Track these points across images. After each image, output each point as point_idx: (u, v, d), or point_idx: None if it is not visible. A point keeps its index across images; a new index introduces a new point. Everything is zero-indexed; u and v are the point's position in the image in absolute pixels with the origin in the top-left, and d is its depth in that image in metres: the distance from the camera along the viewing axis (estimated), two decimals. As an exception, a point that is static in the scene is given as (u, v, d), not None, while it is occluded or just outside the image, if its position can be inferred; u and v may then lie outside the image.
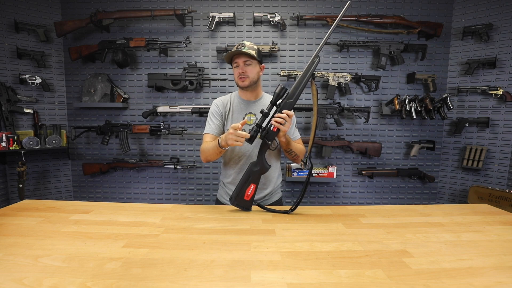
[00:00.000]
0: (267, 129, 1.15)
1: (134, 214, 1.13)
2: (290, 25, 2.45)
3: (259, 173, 1.18)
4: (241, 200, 1.18)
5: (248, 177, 1.18)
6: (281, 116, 1.10)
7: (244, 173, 1.19)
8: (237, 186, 1.18)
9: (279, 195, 1.50)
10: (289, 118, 1.11)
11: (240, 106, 1.39)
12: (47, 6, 2.43)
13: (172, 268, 0.73)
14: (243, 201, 1.18)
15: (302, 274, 0.72)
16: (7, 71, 2.34)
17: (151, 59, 2.52)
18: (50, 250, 0.82)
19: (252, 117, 1.37)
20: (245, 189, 1.17)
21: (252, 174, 1.18)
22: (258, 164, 1.18)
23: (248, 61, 1.29)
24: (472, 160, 2.38)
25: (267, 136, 1.16)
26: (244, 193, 1.17)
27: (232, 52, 1.29)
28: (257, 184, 1.18)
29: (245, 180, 1.18)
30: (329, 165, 2.47)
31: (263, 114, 1.11)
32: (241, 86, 1.33)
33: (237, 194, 1.18)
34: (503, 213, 1.20)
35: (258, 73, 1.35)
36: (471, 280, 0.69)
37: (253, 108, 1.38)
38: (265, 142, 1.17)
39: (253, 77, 1.32)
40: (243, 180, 1.18)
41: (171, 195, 2.65)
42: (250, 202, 1.19)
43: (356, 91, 2.51)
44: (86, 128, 2.48)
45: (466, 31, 2.37)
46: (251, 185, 1.17)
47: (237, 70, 1.32)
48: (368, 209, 1.24)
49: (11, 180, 2.44)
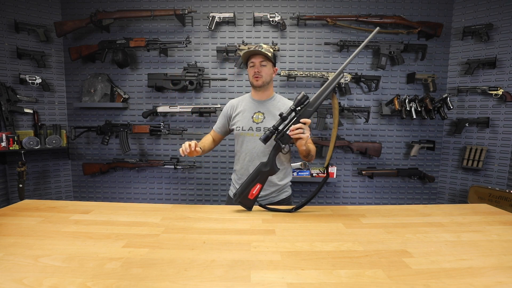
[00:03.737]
0: (283, 132, 1.17)
1: (134, 214, 1.14)
2: (290, 25, 2.45)
3: (267, 174, 1.19)
4: (245, 198, 1.18)
5: (256, 176, 1.18)
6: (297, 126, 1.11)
7: (252, 172, 1.19)
8: (244, 183, 1.18)
9: (287, 193, 1.50)
10: (306, 125, 1.13)
11: (250, 105, 1.44)
12: (47, 6, 2.43)
13: (172, 268, 0.73)
14: (247, 200, 1.18)
15: (302, 274, 0.72)
16: (7, 71, 2.34)
17: (151, 59, 2.52)
18: (50, 250, 0.82)
19: (260, 116, 1.40)
20: (250, 188, 1.17)
21: (260, 174, 1.18)
22: (268, 165, 1.19)
23: (264, 61, 1.35)
24: (472, 160, 2.38)
25: (282, 140, 1.17)
26: (249, 192, 1.17)
27: (250, 51, 1.35)
28: (263, 184, 1.18)
29: (253, 179, 1.18)
30: (329, 165, 2.47)
31: (281, 118, 1.14)
32: (255, 85, 1.38)
33: (242, 192, 1.18)
34: (503, 213, 1.20)
35: (271, 74, 1.40)
36: (471, 280, 0.69)
37: (262, 107, 1.42)
38: (278, 145, 1.18)
39: (266, 78, 1.37)
40: (250, 178, 1.18)
41: (171, 195, 2.65)
42: (253, 201, 1.19)
43: (356, 91, 2.51)
44: (86, 128, 2.48)
45: (466, 31, 2.37)
46: (257, 185, 1.17)
47: (252, 70, 1.38)
48: (368, 209, 1.24)
49: (11, 180, 2.44)
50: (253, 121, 1.40)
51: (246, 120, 1.41)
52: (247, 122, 1.41)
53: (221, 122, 1.51)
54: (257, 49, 1.34)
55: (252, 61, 1.37)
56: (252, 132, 1.40)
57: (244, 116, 1.43)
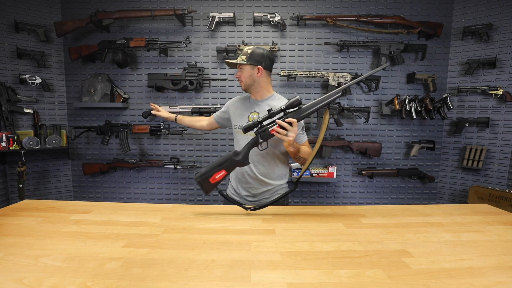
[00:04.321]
0: (265, 128, 1.15)
1: (134, 214, 1.14)
2: (290, 25, 2.45)
3: (236, 164, 1.16)
4: (205, 181, 1.13)
5: (224, 162, 1.14)
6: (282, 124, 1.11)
7: (223, 156, 1.17)
8: (210, 165, 1.15)
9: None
10: (292, 126, 1.11)
11: (248, 105, 1.47)
12: (47, 6, 2.43)
13: (172, 268, 0.73)
14: (207, 182, 1.13)
15: (302, 274, 0.72)
16: (7, 71, 2.34)
17: (151, 59, 2.52)
18: (50, 250, 0.82)
19: (256, 115, 1.42)
20: (214, 171, 1.13)
21: (229, 161, 1.15)
22: (240, 155, 1.16)
23: (240, 66, 1.38)
24: (472, 160, 2.38)
25: (262, 135, 1.15)
26: (211, 175, 1.13)
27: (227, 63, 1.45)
28: (228, 172, 1.15)
29: (220, 164, 1.14)
30: (329, 165, 2.47)
31: (269, 113, 1.13)
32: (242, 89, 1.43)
33: (204, 172, 1.13)
34: (503, 213, 1.20)
35: (251, 76, 1.37)
36: (471, 280, 0.69)
37: (258, 107, 1.43)
38: (257, 139, 1.16)
39: (246, 81, 1.38)
40: (217, 162, 1.14)
41: (171, 195, 2.65)
42: (213, 186, 1.14)
43: (356, 91, 2.51)
44: (86, 128, 2.48)
45: (466, 31, 2.37)
46: (222, 171, 1.13)
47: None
48: (368, 209, 1.24)
49: (11, 180, 2.44)
50: (248, 120, 1.42)
51: (243, 119, 1.44)
52: (243, 121, 1.43)
53: (221, 112, 1.59)
54: (226, 61, 1.44)
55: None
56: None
57: (241, 115, 1.46)
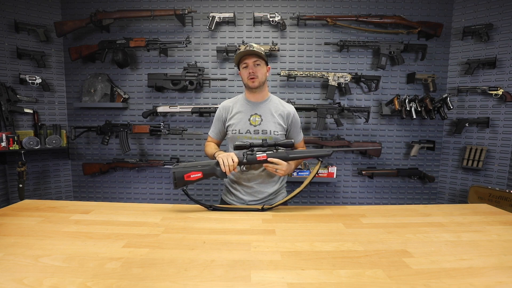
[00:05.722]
0: (253, 154, 1.20)
1: (134, 214, 1.14)
2: (290, 25, 2.45)
3: (214, 173, 1.20)
4: (180, 174, 1.16)
5: (206, 166, 1.19)
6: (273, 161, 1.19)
7: (207, 161, 1.21)
8: (192, 163, 1.19)
9: (282, 196, 1.50)
10: (278, 165, 1.21)
11: (246, 108, 1.39)
12: (47, 6, 2.43)
13: (172, 268, 0.73)
14: (181, 178, 1.16)
15: (302, 274, 0.72)
16: (7, 71, 2.34)
17: (151, 59, 2.51)
18: (50, 250, 0.82)
19: (258, 118, 1.37)
20: (192, 170, 1.17)
21: (209, 168, 1.19)
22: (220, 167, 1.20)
23: (257, 61, 1.31)
24: (472, 160, 2.38)
25: (248, 158, 1.20)
26: (188, 172, 1.16)
27: (243, 52, 1.29)
28: (204, 177, 1.19)
29: (201, 165, 1.19)
30: (329, 165, 2.47)
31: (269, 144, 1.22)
32: (251, 87, 1.33)
33: (183, 167, 1.17)
34: (503, 213, 1.20)
35: (265, 74, 1.36)
36: (472, 280, 0.69)
37: (259, 110, 1.38)
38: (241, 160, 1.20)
39: (262, 78, 1.33)
40: (199, 163, 1.19)
41: (171, 195, 2.65)
42: (184, 184, 1.17)
43: (356, 91, 2.51)
44: (86, 128, 2.48)
45: (466, 31, 2.37)
46: (200, 172, 1.17)
47: (246, 71, 1.33)
48: (368, 209, 1.24)
49: (11, 180, 2.44)
50: (250, 124, 1.36)
51: (243, 123, 1.37)
52: (243, 125, 1.37)
53: (217, 128, 1.46)
54: (250, 49, 1.28)
55: (245, 62, 1.31)
56: (250, 135, 1.36)
57: (240, 118, 1.38)
